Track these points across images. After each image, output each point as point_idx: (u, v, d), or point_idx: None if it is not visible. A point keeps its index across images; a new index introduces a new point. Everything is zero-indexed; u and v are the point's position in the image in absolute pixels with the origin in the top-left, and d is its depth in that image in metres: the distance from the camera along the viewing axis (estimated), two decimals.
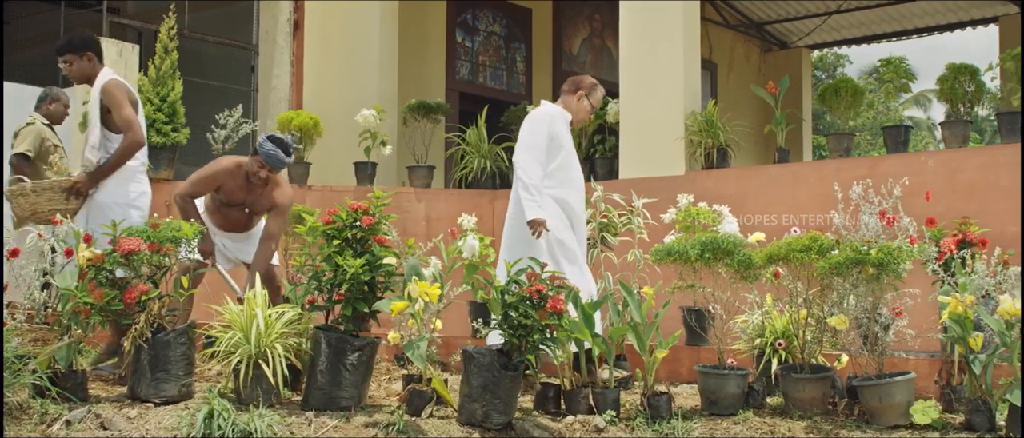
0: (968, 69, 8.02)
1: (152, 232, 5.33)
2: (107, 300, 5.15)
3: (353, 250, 5.42)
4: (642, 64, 9.22)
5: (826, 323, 5.45)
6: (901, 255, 5.09)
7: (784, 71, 14.57)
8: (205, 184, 6.52)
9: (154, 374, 5.19)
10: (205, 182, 6.51)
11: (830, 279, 5.34)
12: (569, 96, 6.61)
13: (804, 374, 5.42)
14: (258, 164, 6.39)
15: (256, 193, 6.54)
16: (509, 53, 13.27)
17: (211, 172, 6.52)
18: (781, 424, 5.20)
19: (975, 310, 5.06)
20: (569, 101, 6.59)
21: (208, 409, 4.81)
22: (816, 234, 5.38)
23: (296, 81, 11.07)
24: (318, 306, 5.49)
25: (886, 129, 8.16)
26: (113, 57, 8.84)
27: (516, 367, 5.25)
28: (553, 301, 5.14)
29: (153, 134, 8.73)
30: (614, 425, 5.30)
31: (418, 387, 5.38)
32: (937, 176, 7.53)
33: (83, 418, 4.89)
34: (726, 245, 5.45)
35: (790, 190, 8.19)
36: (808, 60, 15.69)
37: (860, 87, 8.37)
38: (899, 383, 5.08)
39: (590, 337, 5.52)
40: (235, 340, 5.23)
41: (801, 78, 15.12)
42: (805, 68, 15.45)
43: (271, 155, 6.35)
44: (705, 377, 5.52)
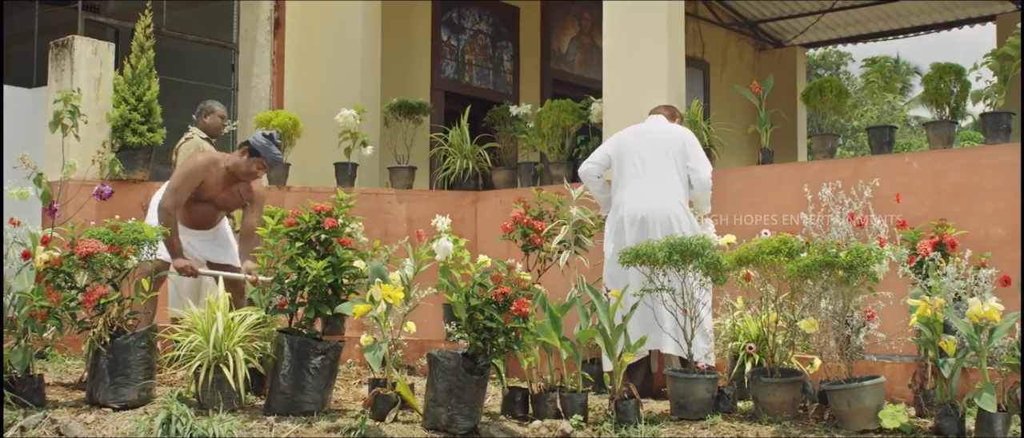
0: (953, 69, 8.02)
1: (112, 234, 5.35)
2: (64, 303, 5.17)
3: (316, 252, 5.44)
4: (625, 63, 9.23)
5: (797, 327, 5.47)
6: (871, 257, 5.11)
7: (779, 70, 14.59)
8: (186, 187, 6.46)
9: (113, 378, 5.21)
10: (186, 184, 6.45)
11: (800, 282, 5.36)
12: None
13: (774, 378, 5.44)
14: (258, 165, 6.43)
15: (234, 190, 6.55)
16: (496, 52, 13.29)
17: (189, 171, 6.47)
18: (749, 428, 5.21)
19: (945, 313, 5.07)
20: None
21: (166, 414, 4.83)
22: (786, 236, 5.40)
23: (276, 80, 11.09)
24: (281, 309, 5.51)
25: (870, 130, 8.16)
26: (88, 56, 8.87)
27: (482, 371, 5.28)
28: (518, 304, 5.16)
29: (129, 134, 8.76)
30: (581, 430, 5.32)
31: (383, 391, 5.40)
32: (921, 177, 7.54)
33: (39, 424, 4.92)
34: (694, 247, 5.46)
35: (774, 191, 8.19)
36: (803, 59, 15.70)
37: (844, 87, 8.37)
38: (868, 387, 5.09)
39: (558, 340, 5.54)
40: (195, 344, 5.25)
41: (796, 77, 15.13)
42: (800, 67, 15.46)
43: (277, 158, 6.47)
44: (674, 381, 5.54)
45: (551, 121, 9.69)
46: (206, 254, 6.72)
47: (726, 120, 9.90)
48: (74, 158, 7.88)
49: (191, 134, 8.12)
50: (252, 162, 6.44)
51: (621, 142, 6.72)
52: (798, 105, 14.14)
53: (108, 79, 9.00)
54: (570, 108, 9.68)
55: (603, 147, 6.87)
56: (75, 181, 7.78)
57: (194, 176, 6.44)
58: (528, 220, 6.91)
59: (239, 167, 6.45)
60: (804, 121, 14.67)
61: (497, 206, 9.73)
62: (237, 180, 6.54)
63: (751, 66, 15.44)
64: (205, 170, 6.46)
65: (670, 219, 6.27)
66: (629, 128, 6.91)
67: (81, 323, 5.30)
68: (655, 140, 6.63)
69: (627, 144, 6.66)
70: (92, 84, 8.86)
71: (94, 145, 8.59)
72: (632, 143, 6.64)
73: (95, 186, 6.57)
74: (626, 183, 6.53)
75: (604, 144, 6.97)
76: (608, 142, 6.88)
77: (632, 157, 6.56)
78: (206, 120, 8.23)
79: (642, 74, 9.06)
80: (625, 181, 6.54)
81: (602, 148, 6.85)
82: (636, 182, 6.48)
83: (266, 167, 6.48)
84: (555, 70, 13.88)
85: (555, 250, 6.67)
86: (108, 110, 8.89)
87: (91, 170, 8.26)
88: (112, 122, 8.83)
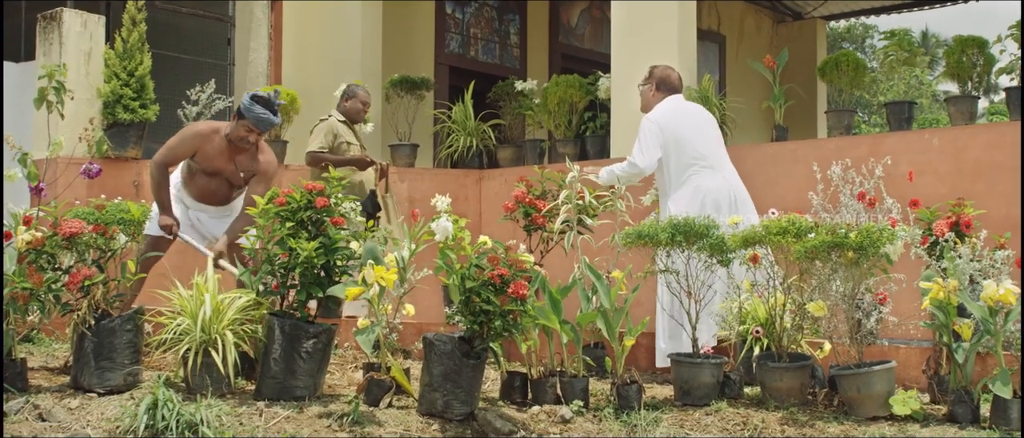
0: (976, 42, 7.99)
1: (97, 214, 5.38)
2: (48, 285, 5.21)
3: (308, 233, 5.46)
4: (635, 37, 9.21)
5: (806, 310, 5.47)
6: (882, 238, 5.10)
7: (798, 43, 14.53)
8: (181, 150, 6.54)
9: (98, 362, 5.25)
10: (181, 148, 6.53)
11: (808, 264, 5.35)
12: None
13: (781, 363, 5.45)
14: (246, 129, 6.41)
15: (239, 161, 6.55)
16: (502, 25, 13.27)
17: (185, 134, 6.56)
18: (755, 415, 5.22)
19: (960, 296, 5.07)
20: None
21: (152, 399, 4.85)
22: (794, 216, 5.39)
23: (274, 55, 11.11)
24: (272, 291, 5.54)
25: (889, 105, 8.15)
26: (77, 29, 8.89)
27: (478, 355, 5.30)
28: (515, 286, 5.17)
29: (120, 110, 8.79)
30: (581, 415, 5.34)
31: (377, 376, 5.43)
32: (941, 155, 7.52)
33: (20, 409, 4.95)
34: (698, 228, 5.47)
35: (788, 169, 8.19)
36: (823, 32, 15.61)
37: (862, 61, 8.35)
38: (878, 372, 5.09)
39: (557, 323, 5.56)
40: (183, 327, 5.28)
41: (816, 51, 15.05)
42: (820, 40, 15.37)
43: (261, 118, 6.38)
44: (678, 366, 5.55)
45: (558, 97, 9.70)
46: (215, 231, 6.75)
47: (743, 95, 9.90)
48: (62, 135, 7.90)
49: (328, 116, 8.08)
50: (240, 125, 6.42)
51: (670, 128, 6.84)
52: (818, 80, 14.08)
53: (99, 53, 9.02)
54: (577, 84, 9.68)
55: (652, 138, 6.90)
56: (63, 160, 7.81)
57: (189, 140, 6.53)
58: (530, 199, 6.91)
59: (231, 133, 6.45)
60: (824, 97, 14.59)
61: (502, 185, 9.74)
62: (239, 151, 6.53)
63: (769, 39, 15.37)
64: (201, 137, 6.52)
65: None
66: (670, 113, 6.95)
67: (65, 306, 5.33)
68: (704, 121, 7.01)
69: (677, 130, 6.83)
70: (82, 58, 8.88)
71: (84, 121, 8.62)
72: (682, 129, 6.84)
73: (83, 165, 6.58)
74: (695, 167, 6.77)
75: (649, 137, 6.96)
76: (654, 132, 6.89)
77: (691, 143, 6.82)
78: (347, 104, 8.19)
79: (652, 48, 9.04)
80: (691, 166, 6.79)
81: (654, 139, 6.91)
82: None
83: (254, 129, 6.43)
84: (564, 44, 13.84)
85: (558, 231, 6.67)
86: (99, 85, 8.92)
87: (79, 148, 8.29)
88: (103, 98, 8.86)
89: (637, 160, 6.78)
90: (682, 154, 6.76)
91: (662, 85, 7.04)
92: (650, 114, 6.93)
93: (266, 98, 6.41)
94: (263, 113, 6.37)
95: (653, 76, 7.09)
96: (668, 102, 6.98)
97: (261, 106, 6.37)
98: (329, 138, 7.95)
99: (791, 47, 11.83)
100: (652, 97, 7.05)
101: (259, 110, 6.36)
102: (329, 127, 7.99)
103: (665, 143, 6.76)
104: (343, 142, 8.00)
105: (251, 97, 6.41)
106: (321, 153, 7.85)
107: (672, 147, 6.78)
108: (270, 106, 6.42)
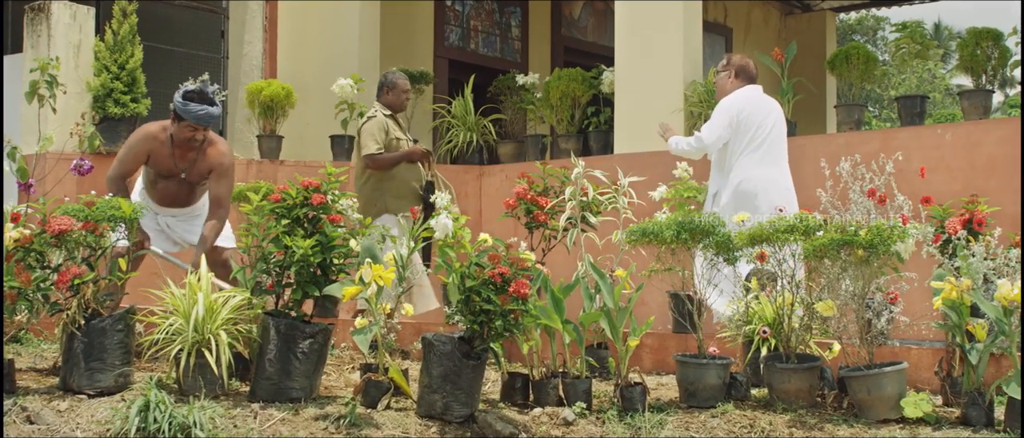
0: (991, 34, 7.98)
1: (87, 211, 5.37)
2: (36, 283, 5.20)
3: (304, 230, 5.45)
4: (639, 30, 9.21)
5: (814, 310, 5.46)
6: (892, 236, 5.09)
7: (807, 36, 14.51)
8: (131, 159, 6.43)
9: (88, 363, 5.23)
10: (131, 157, 6.42)
11: (817, 262, 5.34)
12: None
13: (789, 364, 5.44)
14: (189, 129, 6.28)
15: (189, 158, 6.47)
16: (503, 17, 13.26)
17: (132, 142, 6.45)
18: (762, 417, 5.21)
19: (973, 296, 5.05)
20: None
21: (143, 401, 4.85)
22: (802, 213, 5.39)
23: (269, 48, 11.10)
24: (267, 290, 5.53)
25: (900, 100, 8.15)
26: (66, 21, 8.89)
27: (478, 356, 5.29)
28: (516, 285, 5.16)
29: (111, 104, 8.79)
30: (584, 417, 5.33)
31: (374, 377, 5.42)
32: (954, 151, 7.53)
33: (9, 411, 4.94)
34: (703, 226, 5.46)
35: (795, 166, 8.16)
36: (833, 24, 15.59)
37: (873, 54, 8.33)
38: (889, 374, 5.08)
39: (560, 323, 5.55)
40: (175, 327, 5.27)
41: (825, 44, 15.03)
42: (830, 33, 15.36)
43: (198, 115, 6.23)
44: (683, 367, 5.54)
45: (560, 91, 9.70)
46: (185, 235, 6.70)
47: None
48: (52, 130, 7.89)
49: (374, 111, 7.95)
50: (182, 127, 6.29)
51: (743, 113, 7.16)
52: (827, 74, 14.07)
53: (88, 45, 9.03)
54: (580, 77, 9.68)
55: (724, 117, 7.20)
56: (53, 155, 7.81)
57: (137, 145, 6.41)
58: (532, 196, 6.90)
59: (175, 135, 6.36)
60: (833, 91, 14.58)
61: (503, 181, 9.75)
62: (189, 149, 6.46)
63: (777, 32, 15.36)
64: (150, 139, 6.39)
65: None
66: (745, 100, 7.22)
67: (53, 305, 5.32)
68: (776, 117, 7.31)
69: (749, 117, 7.15)
70: (71, 51, 8.89)
71: (73, 116, 8.62)
72: (754, 117, 7.15)
73: (73, 160, 6.57)
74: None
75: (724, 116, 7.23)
76: (728, 112, 7.18)
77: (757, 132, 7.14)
78: (388, 97, 8.02)
79: (656, 41, 9.05)
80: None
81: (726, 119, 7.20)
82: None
83: (197, 128, 6.30)
84: (566, 37, 13.84)
85: (561, 228, 6.66)
86: (88, 79, 8.93)
87: (70, 143, 8.28)
88: (93, 92, 8.87)
89: (704, 135, 7.13)
90: (744, 140, 7.09)
91: (741, 73, 7.37)
92: (727, 97, 7.25)
93: (199, 92, 6.24)
94: (200, 110, 6.23)
95: (731, 64, 7.41)
96: (746, 90, 7.29)
97: (196, 103, 6.23)
98: (381, 136, 7.78)
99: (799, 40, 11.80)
100: (730, 84, 7.36)
101: (195, 108, 6.22)
102: (379, 125, 7.81)
103: (733, 125, 7.08)
104: (394, 138, 7.85)
105: (183, 96, 6.25)
106: (381, 155, 7.74)
107: (739, 131, 7.10)
108: (206, 99, 6.26)
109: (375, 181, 7.66)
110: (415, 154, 7.83)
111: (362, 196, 7.68)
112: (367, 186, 7.70)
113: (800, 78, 9.18)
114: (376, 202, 7.61)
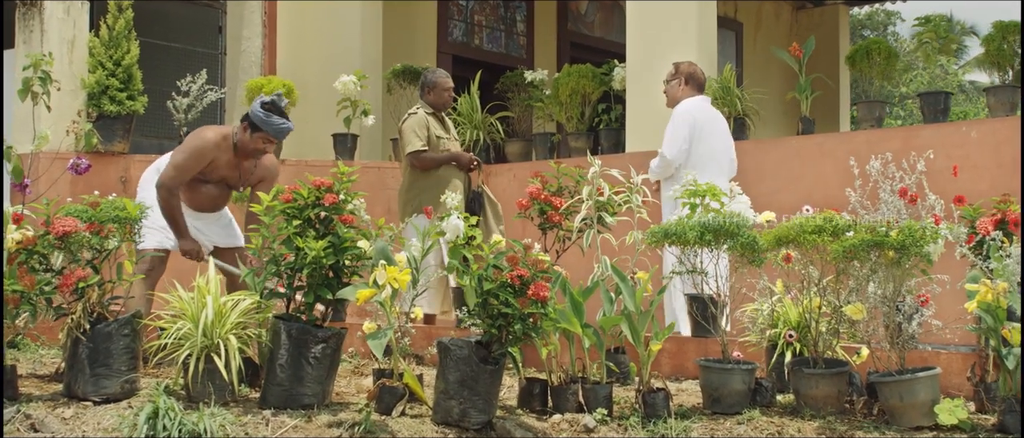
0: (1017, 28, 7.98)
1: (91, 211, 5.36)
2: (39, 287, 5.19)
3: (315, 231, 5.44)
4: (651, 24, 9.21)
5: (842, 313, 5.45)
6: (925, 237, 5.09)
7: (819, 31, 14.51)
8: (194, 166, 6.39)
9: (94, 369, 5.23)
10: (193, 164, 6.38)
11: (846, 264, 5.34)
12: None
13: (817, 369, 5.43)
14: (263, 140, 6.36)
15: (245, 168, 6.53)
16: (508, 12, 13.26)
17: (197, 148, 6.38)
18: (790, 424, 5.21)
19: (1009, 298, 5.05)
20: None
21: (152, 408, 4.84)
22: (830, 214, 5.38)
23: (268, 43, 11.09)
24: (278, 293, 5.52)
25: (923, 96, 8.15)
26: (59, 16, 8.87)
27: (496, 361, 5.28)
28: (536, 287, 5.15)
29: (106, 102, 8.78)
30: (605, 424, 5.33)
31: (389, 383, 5.41)
32: (981, 149, 7.52)
33: (11, 419, 4.94)
34: (728, 226, 5.46)
35: (814, 164, 8.19)
36: (846, 18, 15.61)
37: (894, 49, 8.34)
38: (922, 379, 5.07)
39: (579, 327, 5.55)
40: (184, 331, 5.27)
41: (838, 40, 15.05)
42: (842, 28, 15.37)
43: (280, 129, 6.36)
44: (707, 372, 5.54)
45: (570, 88, 9.69)
46: (214, 239, 6.71)
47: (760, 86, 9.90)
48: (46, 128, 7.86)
49: (416, 109, 7.94)
50: (257, 138, 6.37)
51: (698, 124, 7.28)
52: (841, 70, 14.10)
53: (82, 41, 9.01)
54: (590, 74, 9.68)
55: (685, 129, 7.28)
56: (47, 154, 7.79)
57: (205, 154, 6.38)
58: (546, 196, 6.90)
59: (245, 145, 6.40)
60: (846, 87, 14.60)
61: (510, 181, 9.74)
62: (246, 156, 6.50)
63: (788, 26, 15.38)
64: (215, 147, 6.40)
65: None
66: (698, 109, 7.36)
67: (57, 309, 5.31)
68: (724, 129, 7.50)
69: (703, 127, 7.29)
70: (65, 47, 8.87)
71: (67, 114, 8.60)
72: (707, 128, 7.28)
73: (70, 160, 6.55)
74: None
75: (684, 128, 7.30)
76: (687, 123, 7.28)
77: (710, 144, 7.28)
78: (430, 97, 8.02)
79: (669, 37, 9.04)
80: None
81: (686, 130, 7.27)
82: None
83: (272, 140, 6.42)
84: (573, 32, 13.85)
85: (576, 229, 6.66)
86: (83, 76, 8.91)
87: (66, 142, 8.27)
88: (88, 89, 8.85)
89: (666, 151, 7.15)
90: (698, 151, 7.14)
91: (690, 80, 7.44)
92: (682, 106, 7.25)
93: (277, 105, 6.36)
94: (281, 123, 6.36)
95: (680, 71, 7.46)
96: (697, 100, 7.34)
97: (278, 115, 6.35)
98: (423, 132, 7.78)
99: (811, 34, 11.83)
100: (680, 92, 7.41)
101: (277, 121, 6.34)
102: (421, 121, 7.81)
103: (692, 135, 7.12)
104: (435, 136, 7.84)
105: (262, 106, 6.34)
106: (427, 153, 7.72)
107: (693, 142, 7.13)
108: (283, 113, 6.42)
109: (412, 180, 7.69)
110: (462, 159, 7.84)
111: (400, 195, 7.74)
112: (405, 183, 7.74)
113: (818, 74, 9.18)
114: (412, 202, 7.64)
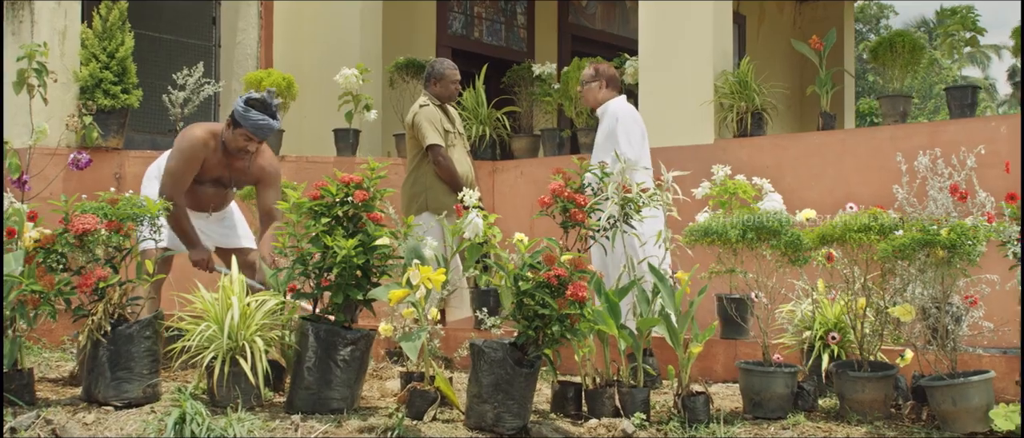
0: None
1: (110, 209, 5.28)
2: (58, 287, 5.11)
3: (344, 230, 5.38)
4: (665, 16, 9.18)
5: (888, 314, 5.43)
6: (978, 236, 5.07)
7: (822, 24, 14.52)
8: (188, 171, 6.28)
9: (115, 373, 5.15)
10: (187, 169, 6.27)
11: (893, 264, 5.32)
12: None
13: (863, 372, 5.41)
14: (244, 138, 6.21)
15: (238, 167, 6.43)
16: (508, 5, 13.21)
17: (187, 150, 6.26)
18: (838, 429, 5.19)
19: None
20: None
21: (179, 413, 4.78)
22: (877, 211, 5.36)
23: (265, 35, 11.00)
24: (304, 293, 5.45)
25: (949, 90, 8.13)
26: (50, 6, 8.77)
27: (532, 363, 5.23)
28: (574, 287, 5.10)
29: (100, 96, 8.68)
30: (644, 429, 5.29)
31: (420, 387, 5.35)
32: (1011, 144, 7.51)
33: (31, 424, 4.87)
34: (772, 224, 5.43)
35: (836, 161, 8.18)
36: (850, 12, 15.64)
37: (919, 42, 8.33)
38: (976, 384, 5.05)
39: (615, 329, 5.51)
40: (208, 333, 5.20)
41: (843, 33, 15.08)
42: (847, 21, 15.39)
43: (259, 126, 6.17)
44: (748, 375, 5.51)
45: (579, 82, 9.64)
46: (216, 239, 6.62)
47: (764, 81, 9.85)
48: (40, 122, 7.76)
49: (425, 100, 7.81)
50: (238, 135, 6.23)
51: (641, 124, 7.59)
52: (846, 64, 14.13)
53: (74, 33, 8.91)
54: None
55: (638, 128, 7.51)
56: (41, 149, 7.69)
57: (196, 153, 6.26)
58: (569, 193, 6.84)
59: (228, 142, 6.28)
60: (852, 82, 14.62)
61: (517, 178, 9.70)
62: (237, 157, 6.40)
63: (792, 20, 15.39)
64: (204, 146, 6.27)
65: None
66: (632, 109, 7.61)
67: (77, 310, 5.23)
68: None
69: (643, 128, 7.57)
70: (56, 38, 8.77)
71: (60, 108, 8.50)
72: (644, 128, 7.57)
73: (70, 154, 6.45)
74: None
75: (636, 128, 7.50)
76: (638, 121, 7.55)
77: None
78: (436, 88, 7.86)
79: (684, 28, 9.02)
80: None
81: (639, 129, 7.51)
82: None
83: (253, 138, 6.25)
84: (574, 25, 13.82)
85: (602, 227, 6.61)
86: (75, 68, 8.80)
87: (65, 137, 8.17)
88: (81, 82, 8.75)
89: (629, 154, 7.10)
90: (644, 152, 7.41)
91: (611, 83, 7.64)
92: (618, 106, 7.47)
93: (262, 101, 6.18)
94: (261, 119, 6.16)
95: (601, 74, 7.66)
96: (624, 99, 7.61)
97: (258, 111, 6.17)
98: (439, 126, 7.68)
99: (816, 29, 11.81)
100: (602, 94, 7.62)
101: (256, 117, 6.15)
102: (434, 114, 7.69)
103: (643, 134, 7.50)
104: (443, 130, 7.75)
105: (245, 102, 6.19)
106: (444, 162, 7.59)
107: (642, 141, 7.46)
108: (268, 109, 6.20)
109: (421, 174, 7.60)
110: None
111: (404, 191, 7.64)
112: (411, 179, 7.65)
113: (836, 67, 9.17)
114: (419, 197, 7.55)
